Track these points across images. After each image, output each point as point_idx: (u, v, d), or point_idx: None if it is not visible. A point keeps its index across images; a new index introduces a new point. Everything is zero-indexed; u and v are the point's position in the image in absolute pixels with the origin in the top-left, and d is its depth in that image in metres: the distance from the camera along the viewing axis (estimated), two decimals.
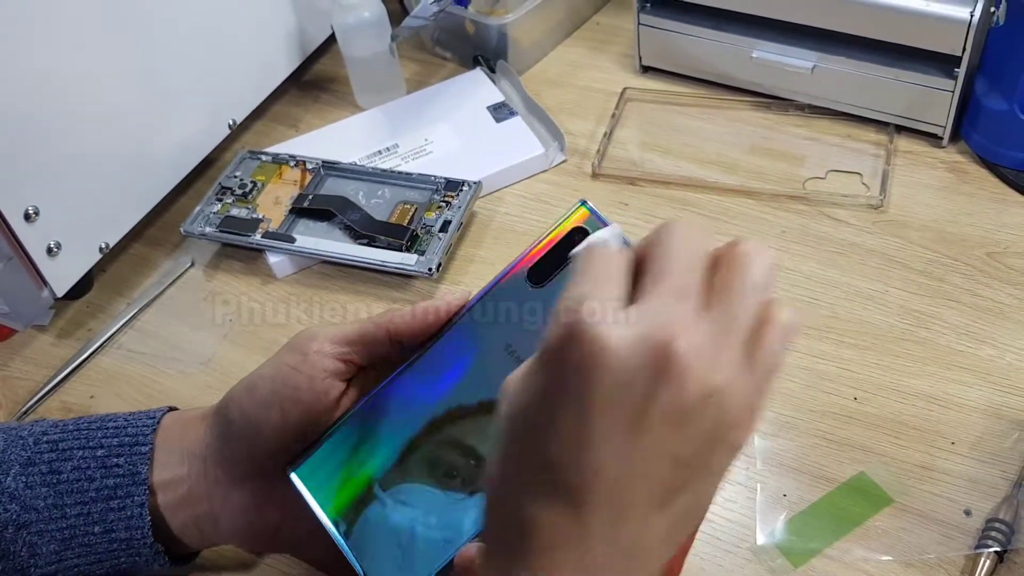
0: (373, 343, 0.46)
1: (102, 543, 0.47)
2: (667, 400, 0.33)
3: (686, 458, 0.34)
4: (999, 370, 0.58)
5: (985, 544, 0.50)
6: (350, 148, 0.77)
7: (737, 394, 0.34)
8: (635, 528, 0.34)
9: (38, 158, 0.62)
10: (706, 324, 0.34)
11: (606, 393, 0.33)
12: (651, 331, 0.33)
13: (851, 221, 0.68)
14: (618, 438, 0.34)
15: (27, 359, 0.68)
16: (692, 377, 0.33)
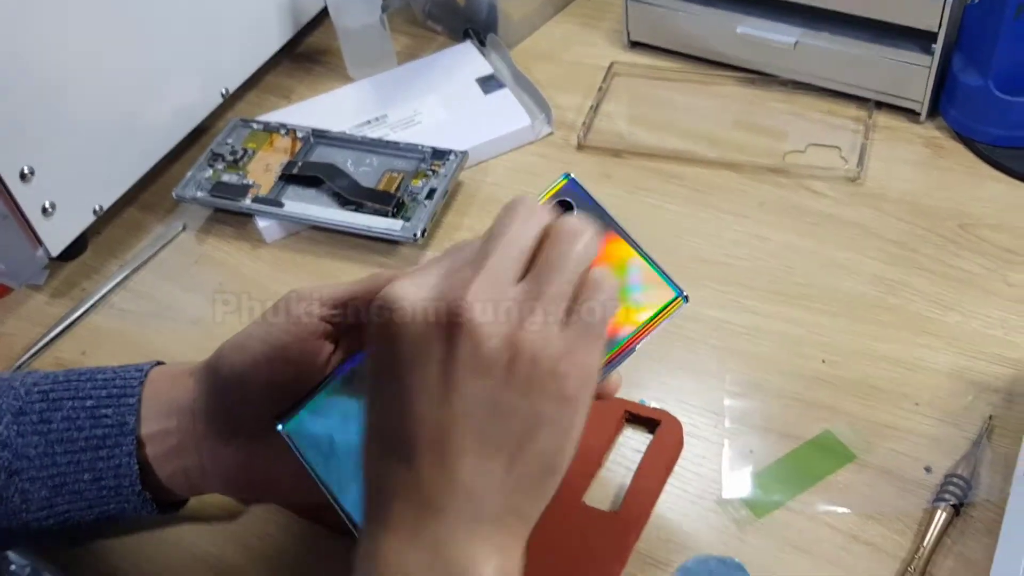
0: (360, 304, 0.47)
1: (91, 490, 0.49)
2: (466, 353, 0.37)
3: (507, 408, 0.38)
4: (965, 335, 0.60)
5: (942, 498, 0.52)
6: (340, 118, 0.79)
7: (550, 347, 0.38)
8: (470, 474, 0.38)
9: (34, 120, 0.64)
10: (513, 289, 0.38)
11: (411, 347, 0.38)
12: (443, 294, 0.38)
13: (828, 193, 0.70)
14: (431, 390, 0.37)
15: (22, 317, 0.70)
16: (486, 332, 0.37)
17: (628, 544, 0.52)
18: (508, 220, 0.40)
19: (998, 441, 0.54)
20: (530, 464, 0.38)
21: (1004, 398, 0.56)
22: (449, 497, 0.37)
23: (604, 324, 0.39)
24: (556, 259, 0.39)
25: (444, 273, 0.39)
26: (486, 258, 0.38)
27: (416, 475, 0.38)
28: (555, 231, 0.40)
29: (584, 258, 0.39)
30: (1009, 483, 0.51)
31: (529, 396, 0.38)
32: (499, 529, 0.38)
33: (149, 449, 0.49)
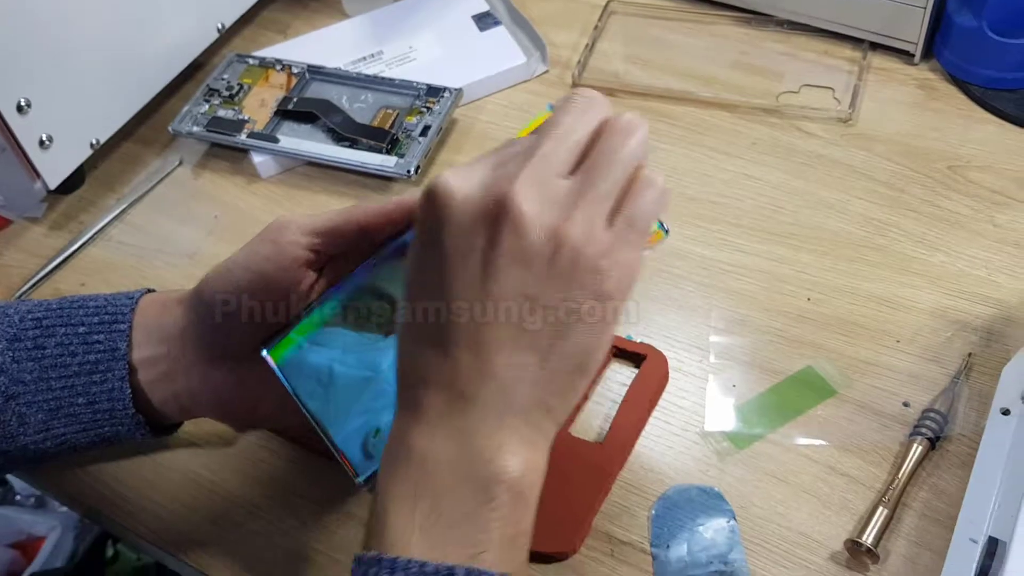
0: (343, 235, 0.48)
1: (86, 413, 0.50)
2: (510, 244, 0.37)
3: (546, 300, 0.38)
4: (949, 275, 0.61)
5: (919, 432, 0.53)
6: (336, 54, 0.79)
7: (594, 243, 0.38)
8: (503, 366, 0.38)
9: (31, 53, 0.64)
10: (562, 183, 0.38)
11: (455, 236, 0.38)
12: (492, 184, 0.38)
13: (820, 134, 0.70)
14: (471, 279, 0.38)
15: (21, 249, 0.71)
16: (530, 223, 0.37)
17: (612, 473, 0.54)
18: (564, 111, 0.40)
19: (976, 378, 0.56)
20: (563, 360, 0.39)
21: (983, 336, 0.57)
22: (481, 387, 0.38)
23: (649, 225, 0.40)
24: (607, 156, 0.39)
25: (494, 164, 0.39)
26: (537, 148, 0.39)
27: (450, 363, 0.38)
28: (609, 126, 0.40)
29: (635, 156, 0.39)
30: (984, 418, 0.53)
31: (568, 291, 0.38)
32: (527, 423, 0.39)
33: (141, 374, 0.50)
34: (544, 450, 0.40)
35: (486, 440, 0.38)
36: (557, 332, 0.38)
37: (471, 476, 0.38)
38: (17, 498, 1.18)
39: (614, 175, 0.39)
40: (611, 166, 0.39)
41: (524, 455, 0.39)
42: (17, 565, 1.11)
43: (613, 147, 0.39)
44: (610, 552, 0.51)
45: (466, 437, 0.38)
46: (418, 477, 0.38)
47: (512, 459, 0.38)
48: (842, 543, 0.50)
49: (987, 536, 0.46)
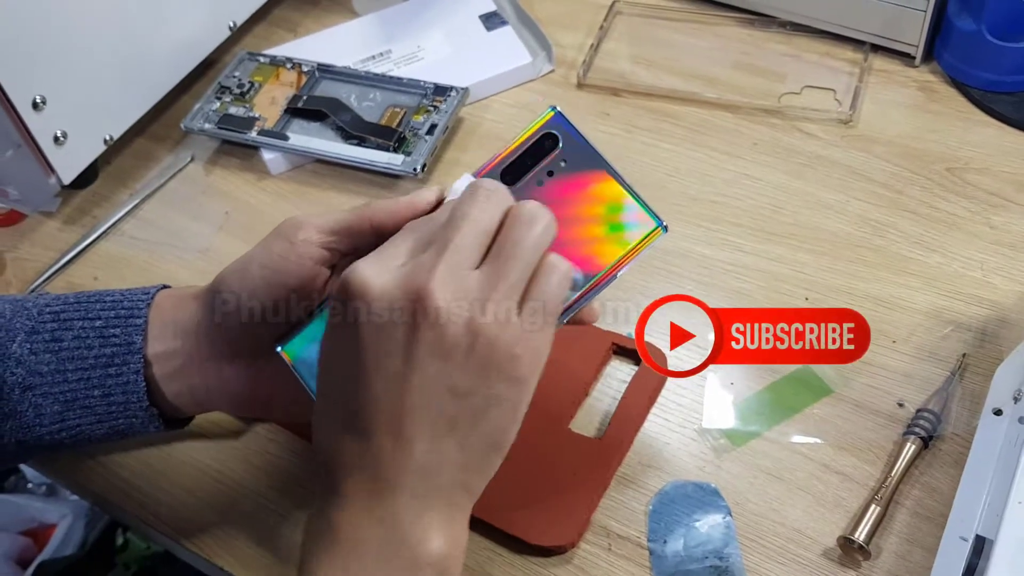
0: (356, 233, 0.49)
1: (101, 405, 0.51)
2: (430, 337, 0.39)
3: (464, 389, 0.40)
4: (946, 276, 0.62)
5: (912, 431, 0.54)
6: (345, 53, 0.80)
7: (507, 332, 0.40)
8: (425, 453, 0.40)
9: (45, 50, 0.66)
10: (474, 275, 0.40)
11: (373, 330, 0.40)
12: (409, 278, 0.40)
13: (820, 135, 0.71)
14: (392, 370, 0.40)
15: (35, 242, 0.73)
16: (449, 318, 0.39)
17: (611, 469, 0.55)
18: (469, 203, 0.42)
19: (970, 378, 0.57)
20: (481, 442, 0.41)
21: (977, 337, 0.58)
22: (404, 474, 0.40)
23: (557, 308, 0.42)
24: (514, 245, 0.41)
25: (407, 255, 0.41)
26: (448, 243, 0.40)
27: (373, 452, 0.40)
28: (513, 216, 0.42)
29: (541, 244, 0.42)
30: (977, 418, 0.54)
31: (486, 378, 0.40)
32: (449, 504, 0.41)
33: (156, 368, 0.51)
34: (464, 524, 0.43)
35: (412, 524, 0.41)
36: (475, 417, 0.40)
37: (399, 559, 0.40)
38: (29, 486, 1.20)
39: (521, 264, 0.41)
40: (518, 255, 0.41)
41: (447, 534, 0.41)
42: (29, 552, 1.12)
43: (519, 237, 0.41)
44: (608, 547, 0.52)
45: (392, 522, 0.40)
46: (347, 560, 0.41)
47: (437, 540, 0.41)
48: (835, 540, 0.51)
49: (975, 534, 0.47)
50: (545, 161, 0.46)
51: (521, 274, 0.41)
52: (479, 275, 0.41)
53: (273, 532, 0.55)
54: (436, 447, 0.40)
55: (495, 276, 0.40)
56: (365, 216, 0.49)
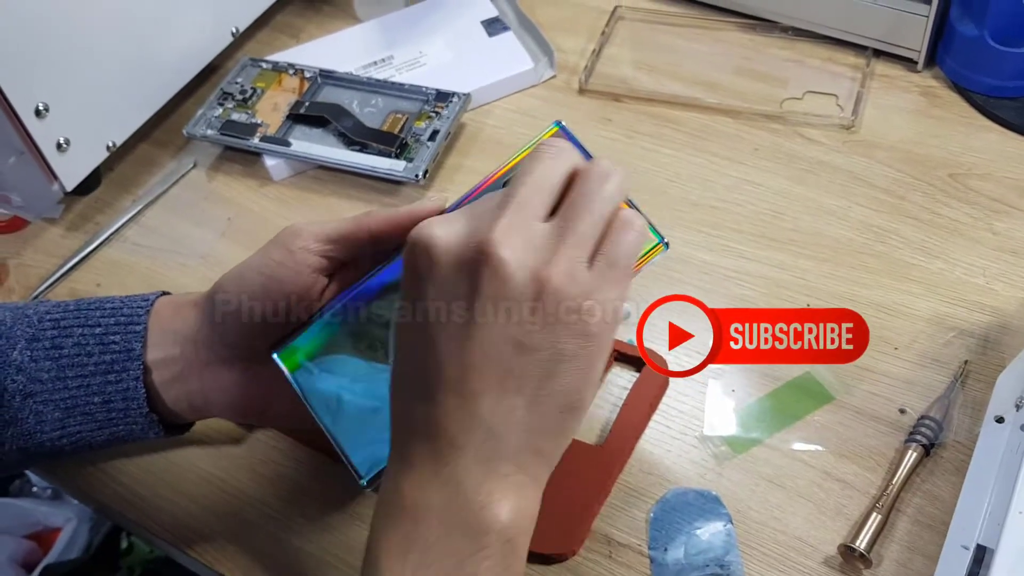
0: (354, 241, 0.49)
1: (101, 412, 0.52)
2: (492, 289, 0.38)
3: (532, 344, 0.38)
4: (948, 283, 0.62)
5: (914, 439, 0.54)
6: (347, 58, 0.80)
7: (576, 284, 0.39)
8: (491, 412, 0.39)
9: (48, 57, 0.66)
10: (541, 227, 0.39)
11: (438, 285, 0.39)
12: (471, 232, 0.39)
13: (822, 140, 0.71)
14: (456, 326, 0.39)
15: (38, 249, 0.73)
16: (511, 268, 0.38)
17: (612, 476, 0.55)
18: (536, 159, 0.41)
19: (972, 385, 0.57)
20: (551, 402, 0.39)
21: (980, 344, 0.58)
22: (469, 435, 0.39)
23: (630, 264, 0.41)
24: (585, 198, 0.40)
25: (474, 213, 0.40)
26: (514, 196, 0.39)
27: (438, 412, 0.39)
28: (584, 171, 0.41)
29: (613, 198, 0.41)
30: (979, 425, 0.54)
31: (553, 332, 0.39)
32: (518, 468, 0.39)
33: (155, 375, 0.52)
34: (536, 494, 0.41)
35: (476, 488, 0.39)
36: (544, 374, 0.39)
37: (461, 525, 0.39)
38: (34, 490, 1.20)
39: (592, 217, 0.40)
40: (589, 208, 0.40)
41: (514, 501, 0.39)
42: (34, 556, 1.13)
43: (590, 190, 0.40)
44: (608, 554, 0.52)
45: (455, 486, 0.39)
46: (409, 527, 0.39)
47: (502, 506, 0.39)
48: (836, 548, 0.51)
49: (976, 543, 0.47)
50: None
51: (591, 228, 0.40)
52: (547, 227, 0.39)
53: (275, 540, 0.55)
54: (502, 406, 0.39)
55: (563, 228, 0.39)
56: (363, 225, 0.49)
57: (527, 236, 0.39)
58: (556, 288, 0.38)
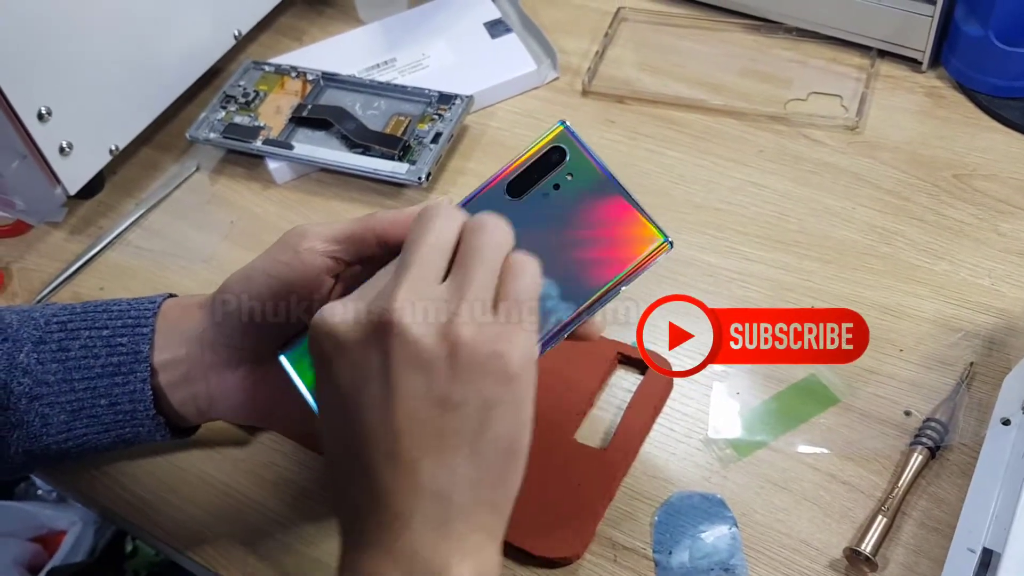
0: (360, 242, 0.49)
1: (108, 414, 0.52)
2: (403, 354, 0.38)
3: (456, 399, 0.38)
4: (953, 284, 0.61)
5: (919, 441, 0.54)
6: (350, 61, 0.80)
7: (485, 332, 0.39)
8: (431, 475, 0.38)
9: (51, 61, 0.66)
10: (439, 287, 0.40)
11: (348, 364, 0.39)
12: (371, 306, 0.39)
13: (826, 141, 0.71)
14: (375, 398, 0.39)
15: (42, 253, 0.73)
16: (418, 330, 0.38)
17: (616, 479, 0.55)
18: (423, 226, 0.41)
19: (977, 387, 0.56)
20: (491, 451, 0.39)
21: (985, 345, 0.58)
22: (415, 503, 0.38)
23: (532, 305, 0.41)
24: (475, 251, 0.40)
25: (369, 289, 0.41)
26: (407, 265, 0.40)
27: (378, 487, 0.39)
28: (470, 227, 0.41)
29: (501, 246, 0.41)
30: (985, 427, 0.53)
31: (474, 382, 0.39)
32: (472, 527, 0.39)
33: (161, 376, 0.52)
34: (495, 549, 0.40)
35: (432, 556, 0.38)
36: (476, 427, 0.39)
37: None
38: (39, 493, 1.20)
39: (485, 267, 0.40)
40: (482, 260, 0.40)
41: (474, 562, 0.39)
42: (39, 559, 1.13)
43: (479, 243, 0.41)
44: (613, 558, 0.52)
45: (411, 557, 0.38)
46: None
47: (463, 568, 0.38)
48: (842, 551, 0.51)
49: (983, 547, 0.47)
50: (551, 175, 0.46)
51: (486, 277, 0.40)
52: (444, 286, 0.40)
53: (279, 544, 0.54)
54: (443, 467, 0.39)
55: (460, 283, 0.40)
56: (369, 226, 0.48)
57: (427, 299, 0.39)
58: (466, 341, 0.38)
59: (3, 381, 0.50)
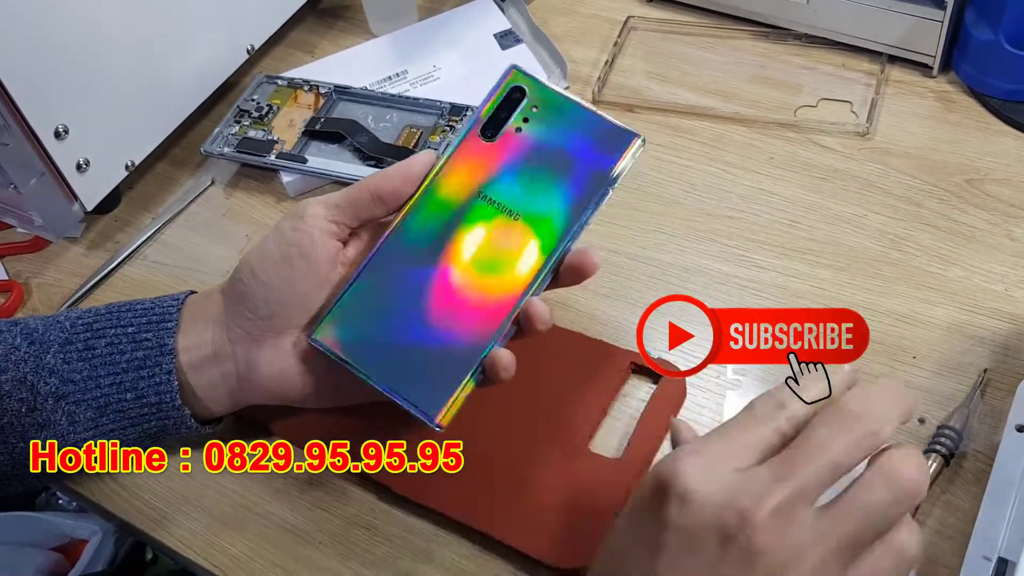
0: (358, 204, 0.52)
1: (134, 408, 0.53)
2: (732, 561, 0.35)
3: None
4: (966, 291, 0.61)
5: (933, 449, 0.54)
6: (362, 74, 0.81)
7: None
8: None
9: (67, 80, 0.67)
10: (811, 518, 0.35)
11: (681, 535, 0.36)
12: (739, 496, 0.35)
13: (837, 148, 0.71)
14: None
15: (60, 268, 0.74)
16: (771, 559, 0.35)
17: (630, 490, 0.55)
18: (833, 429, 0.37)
19: (992, 394, 0.56)
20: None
21: (1000, 352, 0.58)
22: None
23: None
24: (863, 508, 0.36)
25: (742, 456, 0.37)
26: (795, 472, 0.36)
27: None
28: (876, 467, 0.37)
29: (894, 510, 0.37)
30: (999, 435, 0.53)
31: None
32: None
33: (184, 358, 0.53)
34: None
35: None
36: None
37: None
38: (60, 502, 1.22)
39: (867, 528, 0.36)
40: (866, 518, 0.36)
41: None
42: (60, 568, 1.14)
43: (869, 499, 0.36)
44: None
45: None
46: None
47: None
48: None
49: (998, 556, 0.47)
50: (517, 112, 0.52)
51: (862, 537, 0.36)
52: (817, 522, 0.36)
53: (298, 556, 0.55)
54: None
55: (831, 534, 0.35)
56: (364, 187, 0.52)
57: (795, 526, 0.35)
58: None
59: (31, 383, 0.52)
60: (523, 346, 0.50)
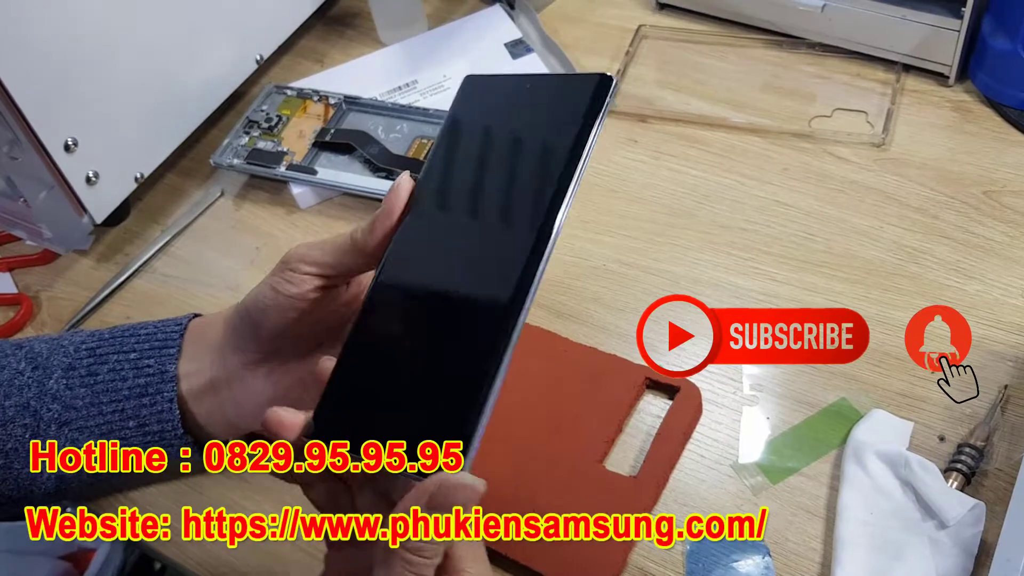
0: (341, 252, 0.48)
1: (136, 436, 0.53)
2: None
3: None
4: (985, 305, 0.61)
5: (954, 467, 0.53)
6: (371, 83, 0.80)
7: None
8: None
9: (76, 93, 0.66)
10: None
11: None
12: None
13: (852, 159, 0.70)
14: None
15: (69, 281, 0.73)
16: None
17: (645, 508, 0.54)
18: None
19: (1012, 411, 0.55)
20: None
21: (1019, 367, 0.57)
22: None
23: None
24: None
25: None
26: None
27: None
28: None
29: None
30: (1021, 452, 0.53)
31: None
32: None
33: (184, 385, 0.53)
34: None
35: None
36: None
37: None
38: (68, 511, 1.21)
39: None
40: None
41: None
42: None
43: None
44: None
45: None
46: None
47: None
48: None
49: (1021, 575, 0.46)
50: None
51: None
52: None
53: (308, 573, 0.54)
54: None
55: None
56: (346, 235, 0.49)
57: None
58: None
59: (33, 408, 0.52)
60: (536, 362, 0.49)
